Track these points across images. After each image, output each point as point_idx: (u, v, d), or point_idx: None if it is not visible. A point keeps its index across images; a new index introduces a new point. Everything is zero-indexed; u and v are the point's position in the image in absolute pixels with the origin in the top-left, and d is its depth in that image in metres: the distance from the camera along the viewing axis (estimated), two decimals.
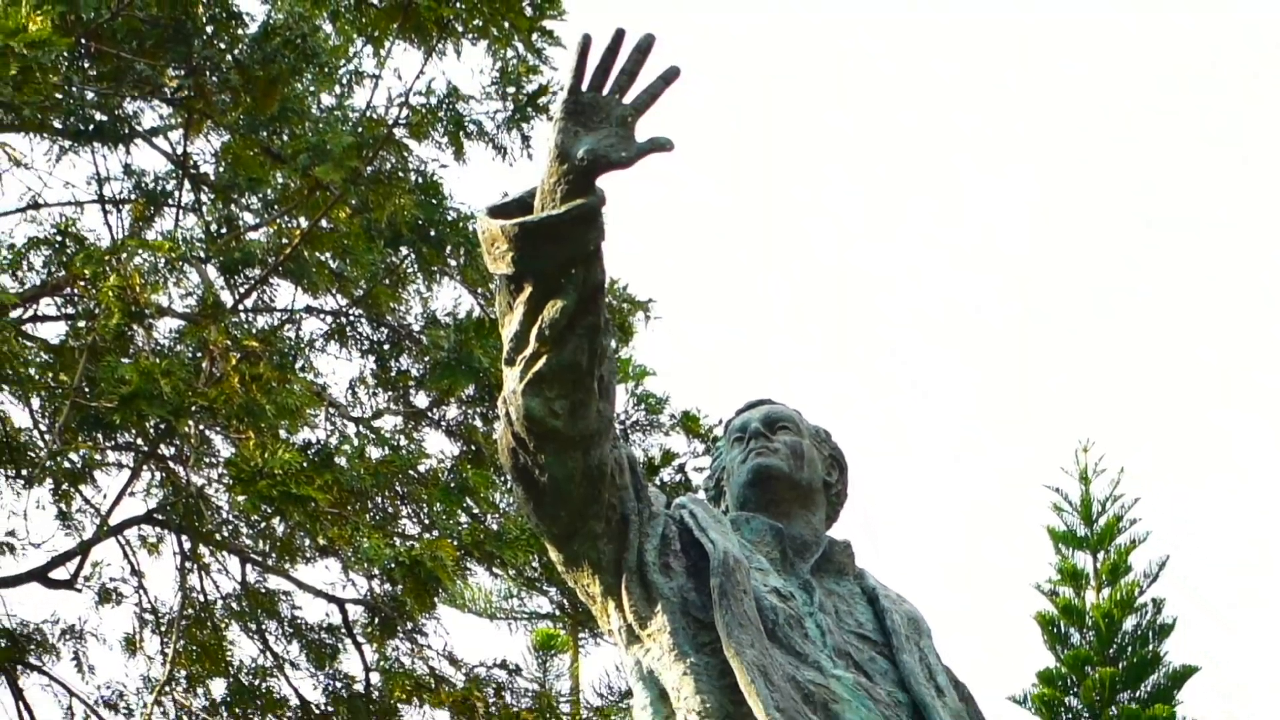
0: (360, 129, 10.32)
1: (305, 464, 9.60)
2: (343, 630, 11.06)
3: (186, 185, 10.98)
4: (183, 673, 10.84)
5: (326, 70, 10.57)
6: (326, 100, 10.91)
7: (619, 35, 3.62)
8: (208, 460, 10.49)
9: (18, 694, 11.22)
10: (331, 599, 10.95)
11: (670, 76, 3.72)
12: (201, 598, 10.97)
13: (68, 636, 10.85)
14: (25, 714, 11.62)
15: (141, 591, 11.10)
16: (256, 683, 11.14)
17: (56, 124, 10.39)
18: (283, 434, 9.89)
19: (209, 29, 9.93)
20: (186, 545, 10.74)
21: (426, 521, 10.88)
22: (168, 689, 11.05)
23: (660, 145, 3.66)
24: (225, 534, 10.91)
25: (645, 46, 3.63)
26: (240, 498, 9.94)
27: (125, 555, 10.91)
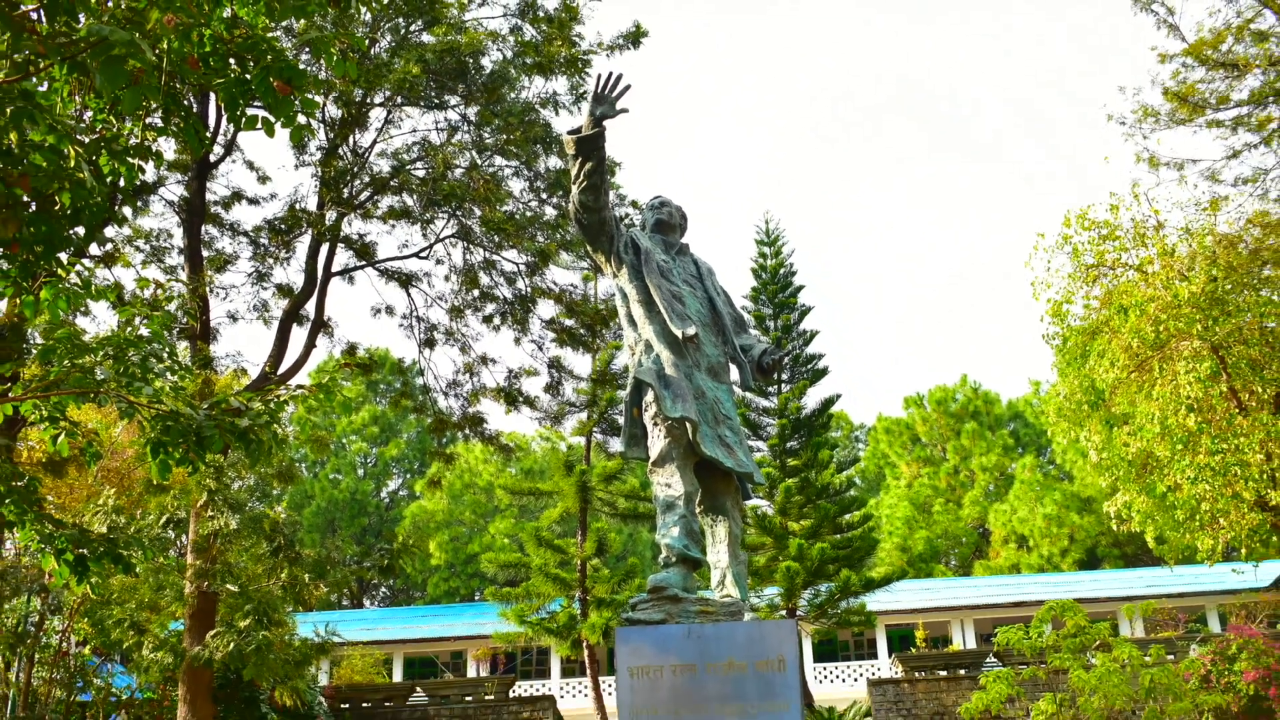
0: (523, 104, 21.18)
1: (506, 218, 21.41)
2: (517, 272, 23.68)
3: (465, 125, 22.31)
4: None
5: (513, 84, 21.18)
6: (511, 95, 21.25)
7: (610, 74, 7.54)
8: (473, 214, 21.99)
9: (413, 305, 23.31)
10: (513, 262, 23.59)
11: (626, 88, 7.46)
12: (469, 263, 23.53)
13: (429, 275, 23.81)
14: (416, 318, 23.12)
15: (449, 259, 23.92)
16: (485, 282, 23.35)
17: (421, 102, 21.68)
18: (497, 208, 21.22)
19: (472, 70, 20.93)
20: (465, 244, 23.29)
21: (546, 235, 22.11)
22: (461, 298, 23.53)
23: (623, 110, 7.42)
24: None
25: (619, 77, 7.49)
26: (483, 228, 22.24)
27: (445, 250, 23.86)
